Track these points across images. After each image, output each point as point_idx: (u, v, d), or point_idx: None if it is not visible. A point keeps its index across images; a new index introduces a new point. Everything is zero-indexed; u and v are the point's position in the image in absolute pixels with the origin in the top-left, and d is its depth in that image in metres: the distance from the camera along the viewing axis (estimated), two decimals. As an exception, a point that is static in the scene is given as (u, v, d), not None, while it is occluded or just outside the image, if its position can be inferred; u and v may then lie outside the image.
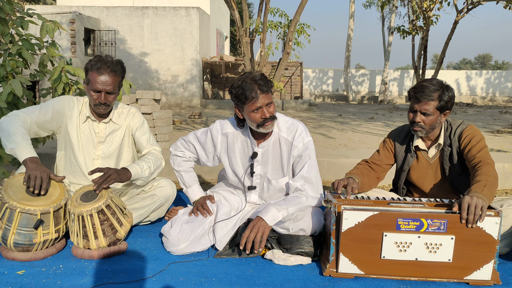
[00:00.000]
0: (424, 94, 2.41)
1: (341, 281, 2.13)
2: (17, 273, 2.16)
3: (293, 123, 2.55)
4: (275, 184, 2.57)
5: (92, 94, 2.61)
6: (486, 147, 2.42)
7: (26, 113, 2.55)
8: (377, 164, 2.69)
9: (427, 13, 14.01)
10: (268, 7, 6.28)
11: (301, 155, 2.49)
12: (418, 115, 2.45)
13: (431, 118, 2.44)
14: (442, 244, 2.07)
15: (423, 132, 2.49)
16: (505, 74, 24.98)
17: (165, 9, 14.84)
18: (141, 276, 2.17)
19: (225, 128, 2.60)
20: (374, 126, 9.15)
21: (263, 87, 2.34)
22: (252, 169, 2.57)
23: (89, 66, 2.61)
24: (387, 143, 2.74)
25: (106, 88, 2.59)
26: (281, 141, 2.53)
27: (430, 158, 2.60)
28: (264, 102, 2.35)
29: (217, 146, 2.62)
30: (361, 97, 22.21)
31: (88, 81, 2.61)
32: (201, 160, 2.74)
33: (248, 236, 2.26)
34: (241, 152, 2.59)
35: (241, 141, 2.59)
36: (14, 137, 2.37)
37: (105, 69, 2.57)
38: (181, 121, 9.35)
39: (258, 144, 2.54)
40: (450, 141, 2.52)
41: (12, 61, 3.53)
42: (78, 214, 2.33)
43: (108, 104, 2.65)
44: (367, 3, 28.46)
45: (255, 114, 2.37)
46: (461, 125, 2.52)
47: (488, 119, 11.46)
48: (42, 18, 3.67)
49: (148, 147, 2.86)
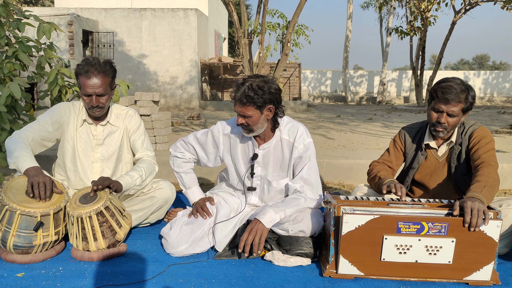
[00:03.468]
0: (453, 95, 2.34)
1: (341, 282, 2.14)
2: (17, 276, 2.16)
3: (293, 125, 2.55)
4: (275, 186, 2.58)
5: (84, 98, 2.61)
6: (494, 150, 2.41)
7: (26, 130, 2.58)
8: (389, 166, 2.69)
9: (425, 14, 14.05)
10: (266, 9, 6.28)
11: (302, 156, 2.50)
12: (444, 116, 2.40)
13: (455, 119, 2.41)
14: (443, 247, 2.07)
15: (445, 132, 2.46)
16: (503, 74, 25.02)
17: (163, 11, 14.83)
18: (141, 278, 2.17)
19: (226, 129, 2.62)
20: (372, 127, 9.16)
21: (244, 99, 2.34)
22: (252, 170, 2.57)
23: (77, 70, 2.60)
24: (397, 142, 2.72)
25: (96, 91, 2.57)
26: (282, 143, 2.54)
27: (439, 157, 2.59)
28: (240, 112, 2.39)
29: (219, 146, 2.63)
30: (360, 98, 22.22)
31: (79, 85, 2.60)
32: (201, 161, 2.74)
33: (246, 239, 2.27)
34: (243, 152, 2.61)
35: (242, 142, 2.60)
36: (15, 152, 2.41)
37: (92, 72, 2.55)
38: (180, 122, 9.35)
39: (259, 145, 2.55)
40: (461, 140, 2.52)
41: (9, 64, 3.52)
42: (77, 216, 2.33)
43: (102, 106, 2.64)
44: (365, 4, 28.50)
45: (238, 117, 2.43)
46: (473, 126, 2.51)
47: (486, 119, 11.48)
48: (38, 20, 3.66)
49: (141, 152, 2.84)
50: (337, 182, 4.52)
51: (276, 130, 2.54)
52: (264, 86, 2.35)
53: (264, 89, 2.34)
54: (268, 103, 2.38)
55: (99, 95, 2.59)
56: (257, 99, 2.32)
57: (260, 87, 2.33)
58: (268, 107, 2.39)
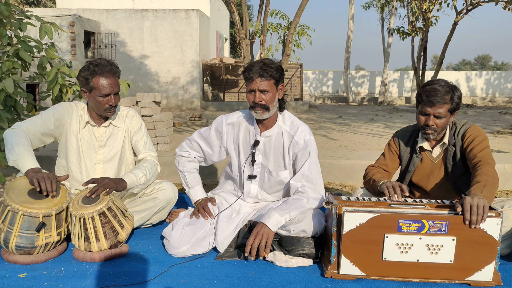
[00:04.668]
0: (438, 97, 2.37)
1: (343, 282, 2.14)
2: (19, 276, 2.17)
3: (296, 120, 2.61)
4: (275, 176, 2.60)
5: (100, 100, 2.61)
6: (489, 147, 2.42)
7: (28, 123, 2.58)
8: (384, 169, 2.69)
9: (427, 15, 14.03)
10: (268, 9, 6.29)
11: (302, 151, 2.51)
12: (432, 118, 2.42)
13: (443, 120, 2.43)
14: (444, 246, 2.07)
15: (435, 134, 2.48)
16: (505, 74, 24.99)
17: (165, 12, 14.86)
18: (143, 279, 2.17)
19: (229, 118, 2.66)
20: (374, 128, 9.15)
21: (264, 72, 2.39)
22: (253, 157, 2.58)
23: (87, 74, 2.58)
24: (392, 145, 2.73)
25: (115, 89, 2.63)
26: (283, 134, 2.56)
27: (434, 158, 2.59)
28: (259, 87, 2.40)
29: (223, 136, 2.66)
30: (361, 98, 22.22)
31: (91, 88, 2.59)
32: (207, 157, 2.76)
33: (252, 243, 2.26)
34: (244, 141, 2.63)
35: (244, 130, 2.62)
36: (16, 149, 2.39)
37: (108, 71, 2.59)
38: (181, 123, 9.36)
39: (261, 133, 2.56)
40: (454, 141, 2.53)
41: (8, 62, 3.49)
42: (79, 217, 2.33)
43: (116, 105, 2.69)
44: (367, 4, 28.51)
45: (250, 96, 2.45)
46: (465, 125, 2.52)
47: (488, 120, 11.46)
48: (40, 20, 3.67)
49: (144, 152, 2.85)
50: (339, 182, 4.52)
51: (278, 120, 2.57)
52: (273, 62, 2.44)
53: (276, 64, 2.44)
54: (281, 80, 2.48)
55: (115, 94, 2.64)
56: (274, 72, 2.41)
57: (272, 62, 2.44)
58: (280, 85, 2.48)
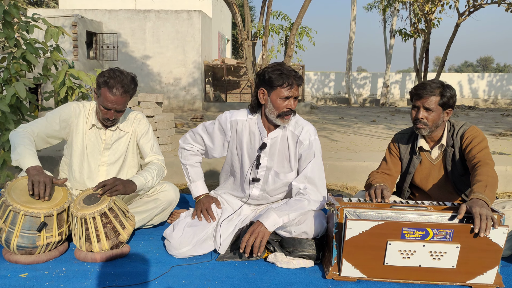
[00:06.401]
0: (426, 90, 2.45)
1: (344, 284, 2.13)
2: (20, 276, 2.17)
3: (300, 120, 2.58)
4: (282, 178, 2.56)
5: (101, 108, 2.59)
6: (487, 148, 2.42)
7: (33, 125, 2.58)
8: (388, 174, 2.68)
9: (429, 16, 14.02)
10: (270, 10, 6.29)
11: (306, 151, 2.49)
12: (421, 111, 2.47)
13: (433, 114, 2.45)
14: (447, 252, 2.05)
15: (426, 130, 2.48)
16: (507, 77, 24.95)
17: (167, 12, 14.87)
18: (144, 279, 2.17)
19: (234, 115, 2.60)
20: (376, 129, 9.14)
21: (299, 80, 2.42)
22: (258, 160, 2.55)
23: (101, 80, 2.54)
24: (392, 148, 2.73)
25: (117, 107, 2.57)
26: (288, 135, 2.53)
27: (433, 159, 2.59)
28: (295, 94, 2.42)
29: (227, 132, 2.60)
30: (363, 99, 22.21)
31: (99, 95, 2.57)
32: (208, 151, 2.70)
33: (247, 240, 2.26)
34: (248, 142, 2.57)
35: (248, 131, 2.57)
36: (18, 148, 2.41)
37: (118, 89, 2.52)
38: (183, 124, 9.36)
39: (267, 134, 2.53)
40: (452, 142, 2.52)
41: (16, 64, 3.56)
42: (81, 217, 2.34)
43: (114, 119, 2.65)
44: (369, 6, 28.48)
45: (282, 102, 2.41)
46: (464, 126, 2.52)
47: (490, 122, 11.44)
48: (46, 23, 3.69)
49: (151, 156, 2.84)
50: (340, 184, 4.52)
51: None
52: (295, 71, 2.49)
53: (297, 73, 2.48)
54: None
55: (117, 111, 2.60)
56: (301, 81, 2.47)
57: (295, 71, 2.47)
58: None
